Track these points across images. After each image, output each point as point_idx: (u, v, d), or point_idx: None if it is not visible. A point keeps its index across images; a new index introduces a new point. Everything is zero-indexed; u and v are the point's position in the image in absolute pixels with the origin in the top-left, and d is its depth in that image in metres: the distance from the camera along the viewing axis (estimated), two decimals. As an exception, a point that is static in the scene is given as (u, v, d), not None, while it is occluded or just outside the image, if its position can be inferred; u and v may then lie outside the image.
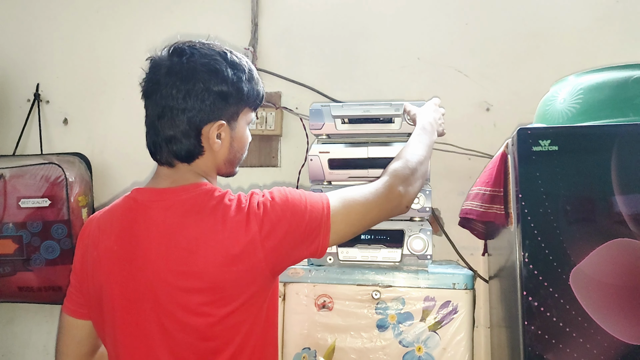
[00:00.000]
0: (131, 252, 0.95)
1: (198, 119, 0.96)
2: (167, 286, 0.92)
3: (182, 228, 0.92)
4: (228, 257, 0.90)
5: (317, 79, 2.02)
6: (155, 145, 0.99)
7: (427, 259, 1.38)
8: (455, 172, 1.89)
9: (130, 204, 0.99)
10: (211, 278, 0.91)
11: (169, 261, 0.92)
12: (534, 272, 1.13)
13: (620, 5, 1.84)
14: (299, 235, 0.95)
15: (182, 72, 0.95)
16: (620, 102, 1.22)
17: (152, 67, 0.99)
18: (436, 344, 1.32)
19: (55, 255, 1.91)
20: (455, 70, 1.94)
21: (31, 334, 2.15)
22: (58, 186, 1.92)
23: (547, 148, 1.16)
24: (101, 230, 1.00)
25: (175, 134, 0.96)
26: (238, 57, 1.01)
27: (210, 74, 0.96)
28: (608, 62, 1.35)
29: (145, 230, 0.94)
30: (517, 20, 1.91)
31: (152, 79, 0.98)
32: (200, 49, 0.99)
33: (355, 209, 1.01)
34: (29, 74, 2.22)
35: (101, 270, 0.97)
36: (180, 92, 0.95)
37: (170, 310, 0.92)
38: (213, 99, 0.96)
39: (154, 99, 0.98)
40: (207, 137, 0.97)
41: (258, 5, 2.08)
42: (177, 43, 1.00)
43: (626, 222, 1.10)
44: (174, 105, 0.95)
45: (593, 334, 1.09)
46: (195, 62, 0.96)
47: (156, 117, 0.98)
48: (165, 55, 0.99)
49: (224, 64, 0.98)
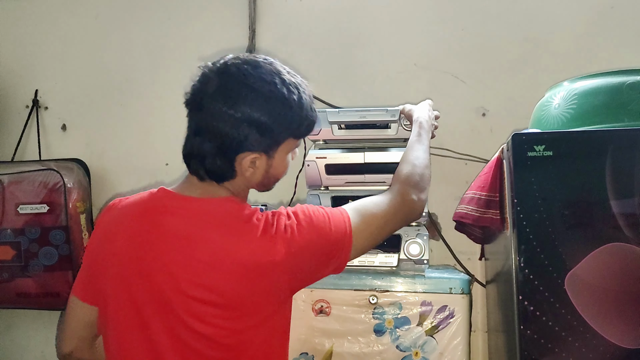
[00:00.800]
0: (145, 252, 0.93)
1: (233, 147, 0.93)
2: (181, 295, 0.91)
3: (204, 240, 0.91)
4: (250, 276, 0.90)
5: (314, 84, 1.99)
6: (189, 157, 0.97)
7: (423, 263, 1.38)
8: (452, 177, 1.89)
9: (155, 205, 0.97)
10: (230, 295, 0.90)
11: (186, 271, 0.91)
12: (530, 277, 1.14)
13: (615, 11, 1.86)
14: (324, 257, 0.96)
15: (228, 97, 0.91)
16: (614, 108, 1.22)
17: (201, 81, 0.95)
18: (433, 349, 1.32)
19: (53, 261, 1.91)
20: (452, 75, 1.95)
21: (29, 340, 2.15)
22: (56, 192, 1.93)
23: (542, 153, 1.16)
24: (121, 222, 0.99)
25: (209, 154, 0.94)
26: (290, 87, 0.95)
27: (257, 105, 0.92)
28: (602, 67, 1.35)
29: (165, 234, 0.93)
30: (513, 26, 1.92)
31: (197, 94, 0.95)
32: (251, 74, 0.93)
33: (374, 222, 1.01)
34: (28, 80, 2.23)
35: (113, 264, 0.96)
36: (222, 116, 0.91)
37: (182, 318, 0.91)
38: (255, 131, 0.92)
39: (196, 113, 0.95)
40: (240, 163, 0.95)
41: (255, 11, 2.09)
42: (230, 60, 0.95)
43: (621, 226, 1.11)
44: (214, 127, 0.92)
45: (588, 338, 1.10)
46: (241, 89, 0.92)
47: (194, 131, 0.95)
48: (216, 70, 0.95)
49: (275, 94, 0.93)
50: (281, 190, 1.99)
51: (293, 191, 1.97)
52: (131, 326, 0.94)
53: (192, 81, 0.97)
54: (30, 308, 2.02)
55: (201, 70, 0.97)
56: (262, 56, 0.98)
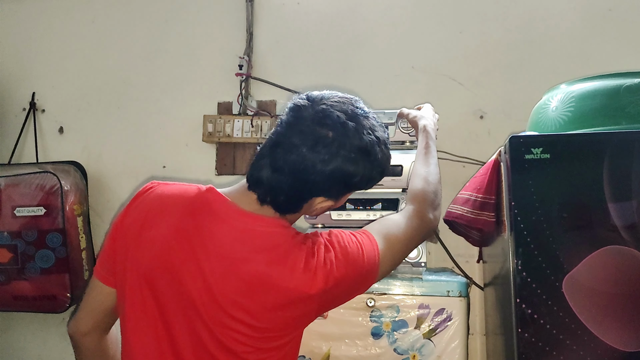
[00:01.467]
0: (184, 251, 0.91)
1: (314, 192, 0.93)
2: (214, 305, 0.90)
3: (248, 260, 0.90)
4: (285, 305, 0.90)
5: (311, 87, 2.00)
6: (259, 183, 0.93)
7: (421, 266, 1.38)
8: (449, 179, 1.88)
9: (200, 207, 0.94)
10: (262, 318, 0.90)
11: (225, 285, 0.90)
12: (527, 280, 1.14)
13: (612, 14, 1.86)
14: (354, 288, 0.97)
15: (324, 152, 0.88)
16: (612, 110, 1.23)
17: (294, 123, 0.91)
18: (431, 352, 1.32)
19: (50, 264, 1.90)
20: (450, 78, 1.95)
21: (26, 343, 2.14)
22: (53, 195, 1.92)
23: (539, 156, 1.16)
24: (164, 210, 0.94)
25: (285, 193, 0.91)
26: (384, 144, 0.96)
27: (350, 162, 0.90)
28: (600, 70, 1.35)
29: (210, 240, 0.91)
30: (511, 28, 1.92)
31: (289, 135, 0.90)
32: (353, 130, 0.90)
33: (398, 247, 1.02)
34: (25, 83, 2.23)
35: (147, 249, 0.93)
36: (313, 168, 0.89)
37: (209, 326, 0.91)
38: (338, 185, 0.92)
39: (283, 152, 0.90)
40: (311, 205, 0.95)
41: (253, 14, 2.09)
42: (331, 107, 0.92)
43: (618, 229, 1.11)
44: (300, 173, 0.89)
45: (586, 341, 1.09)
46: (342, 147, 0.89)
47: (277, 168, 0.91)
48: (314, 116, 0.91)
49: (369, 154, 0.92)
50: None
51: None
52: (151, 318, 0.92)
53: (285, 115, 0.94)
54: (26, 311, 2.01)
55: (297, 107, 0.93)
56: (360, 105, 0.96)
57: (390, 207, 1.41)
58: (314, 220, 1.46)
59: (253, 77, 2.05)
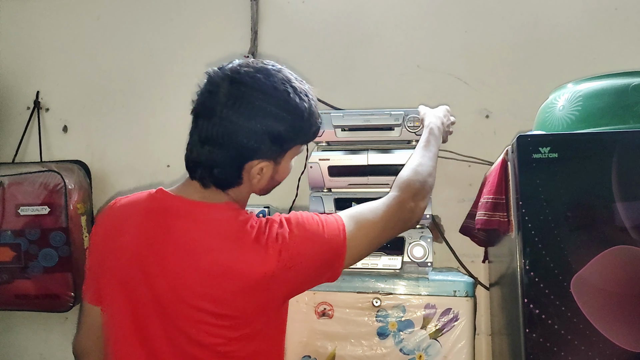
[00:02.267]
0: (149, 252, 0.93)
1: (244, 156, 0.93)
2: (180, 302, 0.90)
3: (207, 250, 0.91)
4: (246, 287, 0.90)
5: (316, 86, 2.00)
6: (195, 165, 0.96)
7: (427, 266, 1.37)
8: (455, 179, 1.89)
9: (156, 207, 0.96)
10: (226, 305, 0.90)
11: (186, 279, 0.90)
12: (535, 280, 1.13)
13: (619, 12, 1.85)
14: (317, 266, 0.95)
15: (241, 108, 0.91)
16: (620, 109, 1.22)
17: (209, 88, 0.94)
18: (437, 352, 1.31)
19: (53, 263, 1.90)
20: (455, 77, 1.94)
21: (28, 342, 2.13)
22: (57, 194, 1.92)
23: (547, 155, 1.15)
24: (125, 220, 0.98)
25: (217, 163, 0.93)
26: (301, 96, 0.96)
27: (267, 115, 0.92)
28: (607, 69, 1.34)
29: (170, 237, 0.92)
30: (517, 27, 1.92)
31: (206, 103, 0.93)
32: (264, 83, 0.93)
33: (369, 230, 1.00)
34: (29, 82, 2.23)
35: (115, 260, 0.95)
36: (232, 125, 0.91)
37: (178, 324, 0.91)
38: (264, 140, 0.93)
39: (206, 121, 0.93)
40: (248, 171, 0.95)
41: (258, 12, 2.09)
42: (239, 68, 0.94)
43: (627, 229, 1.10)
44: (224, 136, 0.91)
45: (595, 341, 1.08)
46: (254, 99, 0.91)
47: (204, 139, 0.93)
48: (227, 78, 0.93)
49: (284, 106, 0.93)
50: (283, 192, 1.98)
51: (295, 193, 1.96)
52: (128, 326, 0.93)
53: (200, 87, 0.96)
54: (29, 310, 2.01)
55: (210, 76, 0.95)
56: (271, 63, 0.98)
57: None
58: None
59: (257, 76, 2.04)
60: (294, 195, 1.95)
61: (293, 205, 1.96)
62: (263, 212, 1.57)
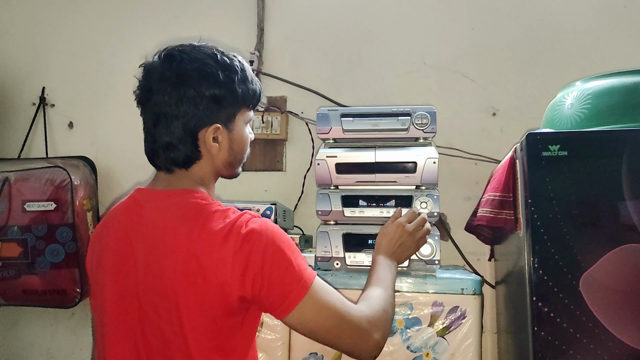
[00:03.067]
0: (124, 250, 0.95)
1: (193, 124, 0.95)
2: (148, 289, 0.91)
3: (164, 231, 0.92)
4: (198, 268, 0.88)
5: (322, 83, 2.02)
6: (153, 152, 1.00)
7: (435, 264, 1.37)
8: (461, 177, 1.88)
9: (130, 203, 1.01)
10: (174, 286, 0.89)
11: (150, 263, 0.92)
12: (544, 278, 1.13)
13: (627, 10, 1.84)
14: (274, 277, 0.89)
15: (172, 78, 0.95)
16: (630, 107, 1.21)
17: (145, 74, 0.99)
18: (444, 350, 1.31)
19: (60, 258, 1.90)
20: (462, 75, 1.94)
21: (35, 337, 2.14)
22: (63, 190, 1.92)
23: (556, 153, 1.15)
24: (106, 226, 1.02)
25: (171, 141, 0.96)
26: (230, 58, 1.00)
27: (201, 78, 0.95)
28: (615, 67, 1.34)
29: (137, 230, 0.95)
30: (524, 25, 1.91)
31: (145, 86, 0.98)
32: (191, 52, 0.98)
33: (333, 310, 0.91)
34: (35, 78, 2.23)
35: (99, 265, 0.99)
36: (172, 99, 0.94)
37: (150, 315, 0.91)
38: (206, 104, 0.95)
39: (148, 106, 0.98)
40: (204, 141, 0.97)
41: (264, 10, 2.08)
42: (167, 48, 1.00)
43: (637, 227, 1.10)
44: (168, 112, 0.95)
45: (604, 340, 1.08)
46: (185, 67, 0.95)
47: (151, 124, 0.97)
48: (156, 61, 0.98)
49: (215, 66, 0.97)
50: (289, 188, 1.99)
51: (301, 190, 1.96)
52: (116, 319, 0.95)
53: (138, 79, 1.00)
54: (36, 305, 2.01)
55: (142, 67, 1.00)
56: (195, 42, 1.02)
57: (404, 204, 1.40)
58: (326, 217, 1.45)
59: (263, 72, 2.04)
60: (300, 192, 1.96)
61: (299, 202, 1.96)
62: (270, 209, 1.57)
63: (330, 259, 1.42)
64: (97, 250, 1.02)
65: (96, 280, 1.00)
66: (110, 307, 0.96)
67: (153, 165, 1.02)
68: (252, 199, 1.95)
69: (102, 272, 0.98)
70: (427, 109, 1.44)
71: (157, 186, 1.00)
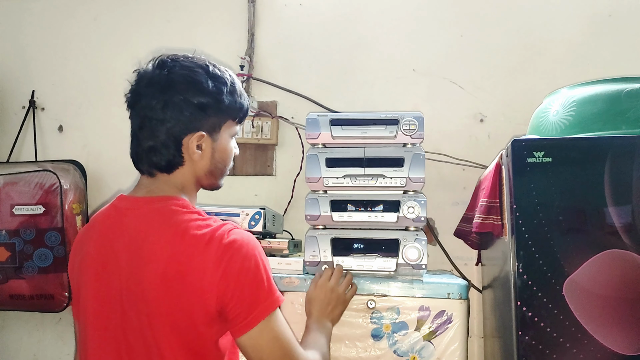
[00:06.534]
0: (106, 257, 0.96)
1: (177, 130, 0.97)
2: (131, 295, 0.92)
3: (146, 237, 0.93)
4: (178, 274, 0.89)
5: (313, 88, 2.03)
6: (137, 156, 1.01)
7: (422, 268, 1.38)
8: (449, 182, 1.90)
9: (111, 211, 1.02)
10: (154, 292, 0.90)
11: (133, 270, 0.92)
12: (528, 283, 1.14)
13: (612, 19, 1.87)
14: (247, 287, 0.91)
15: (161, 83, 0.97)
16: (613, 115, 1.23)
17: (136, 79, 1.01)
18: (430, 354, 1.32)
19: (48, 263, 1.89)
20: (450, 81, 1.96)
21: (22, 342, 2.13)
22: (52, 193, 1.91)
23: (541, 159, 1.17)
24: (87, 234, 1.03)
25: (155, 145, 0.97)
26: (220, 70, 1.02)
27: (189, 85, 0.97)
28: (601, 75, 1.36)
29: (120, 237, 0.96)
30: (512, 32, 1.93)
31: (134, 91, 1.00)
32: (183, 61, 1.00)
33: (287, 343, 0.95)
34: (25, 81, 2.22)
35: (81, 273, 1.00)
36: (159, 103, 0.96)
37: (133, 321, 0.92)
38: (192, 110, 0.97)
39: (136, 109, 0.99)
40: (187, 147, 0.99)
41: (255, 15, 2.09)
42: (161, 56, 1.02)
43: (619, 233, 1.12)
44: (153, 116, 0.96)
45: (587, 344, 1.10)
46: (175, 73, 0.97)
47: (137, 127, 0.99)
48: (149, 68, 1.01)
49: (204, 75, 0.99)
50: (279, 193, 1.99)
51: (291, 195, 1.97)
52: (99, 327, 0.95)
53: (131, 83, 1.02)
54: (23, 310, 2.00)
55: (135, 73, 1.02)
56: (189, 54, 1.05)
57: (392, 209, 1.41)
58: (315, 221, 1.46)
59: (254, 77, 2.05)
60: (289, 197, 1.97)
61: (288, 206, 1.97)
62: (259, 214, 1.57)
63: (318, 264, 1.42)
64: (78, 258, 1.02)
65: (78, 287, 1.00)
66: (92, 313, 0.96)
67: (137, 169, 1.03)
68: (242, 203, 1.95)
69: (84, 279, 0.98)
70: (414, 115, 1.45)
71: (138, 193, 1.01)
